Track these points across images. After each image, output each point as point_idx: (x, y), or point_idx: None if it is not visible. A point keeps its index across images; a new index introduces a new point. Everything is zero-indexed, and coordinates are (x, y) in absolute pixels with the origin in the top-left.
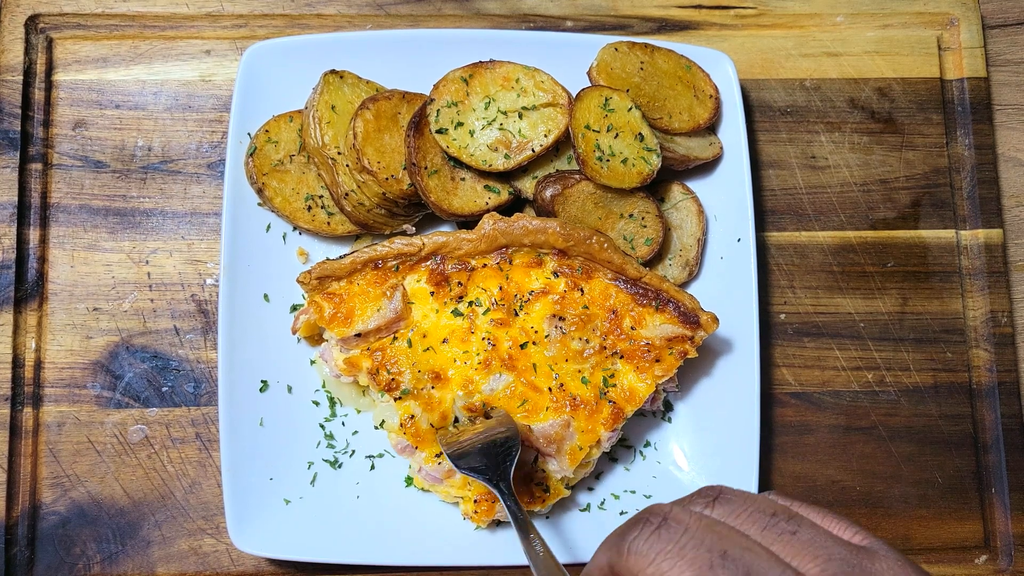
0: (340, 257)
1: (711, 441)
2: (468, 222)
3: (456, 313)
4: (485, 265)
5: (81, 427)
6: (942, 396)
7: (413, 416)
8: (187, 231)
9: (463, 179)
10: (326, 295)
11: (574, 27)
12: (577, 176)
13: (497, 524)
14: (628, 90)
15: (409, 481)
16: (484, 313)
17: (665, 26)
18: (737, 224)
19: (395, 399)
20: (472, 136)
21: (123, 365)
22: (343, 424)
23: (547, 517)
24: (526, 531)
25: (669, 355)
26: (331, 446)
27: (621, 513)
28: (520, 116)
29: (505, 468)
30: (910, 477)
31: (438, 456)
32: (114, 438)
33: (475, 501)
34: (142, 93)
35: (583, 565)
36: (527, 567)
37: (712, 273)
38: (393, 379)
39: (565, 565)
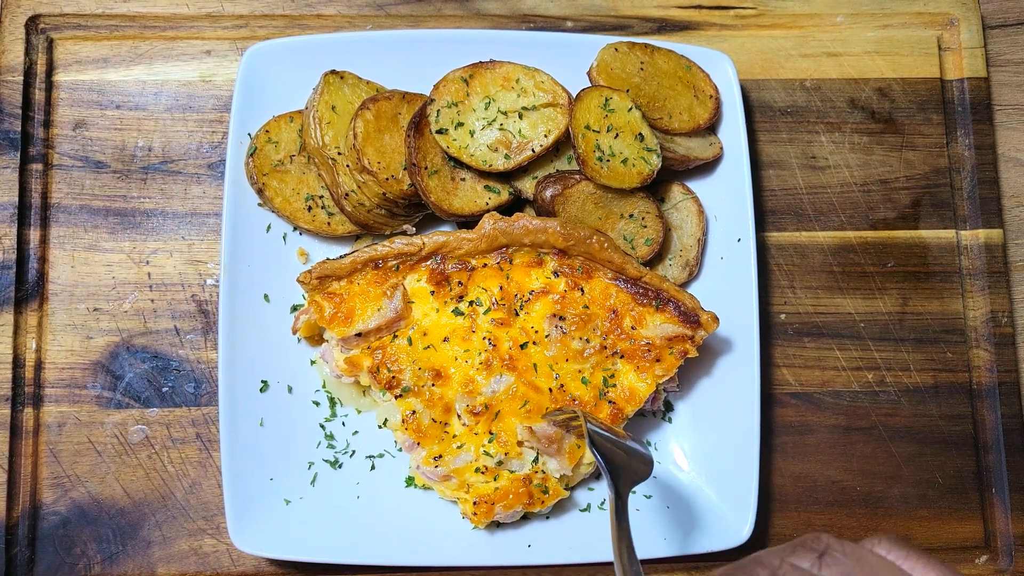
0: (340, 257)
1: (711, 441)
2: (468, 222)
3: (457, 312)
4: (485, 265)
5: (81, 427)
6: (942, 396)
7: (415, 411)
8: (187, 231)
9: (463, 179)
10: (326, 295)
11: (574, 27)
12: (577, 176)
13: (497, 526)
14: (628, 90)
15: (410, 481)
16: (485, 313)
17: (665, 26)
18: (737, 224)
19: (396, 397)
20: (472, 136)
21: (123, 365)
22: (343, 424)
23: (547, 517)
24: (631, 553)
25: (669, 355)
26: (331, 446)
27: None
28: (520, 116)
29: (628, 487)
30: (910, 477)
31: (437, 459)
32: (114, 438)
33: (474, 503)
34: (142, 93)
35: (583, 565)
36: (527, 567)
37: (712, 273)
38: (394, 377)
39: (564, 565)
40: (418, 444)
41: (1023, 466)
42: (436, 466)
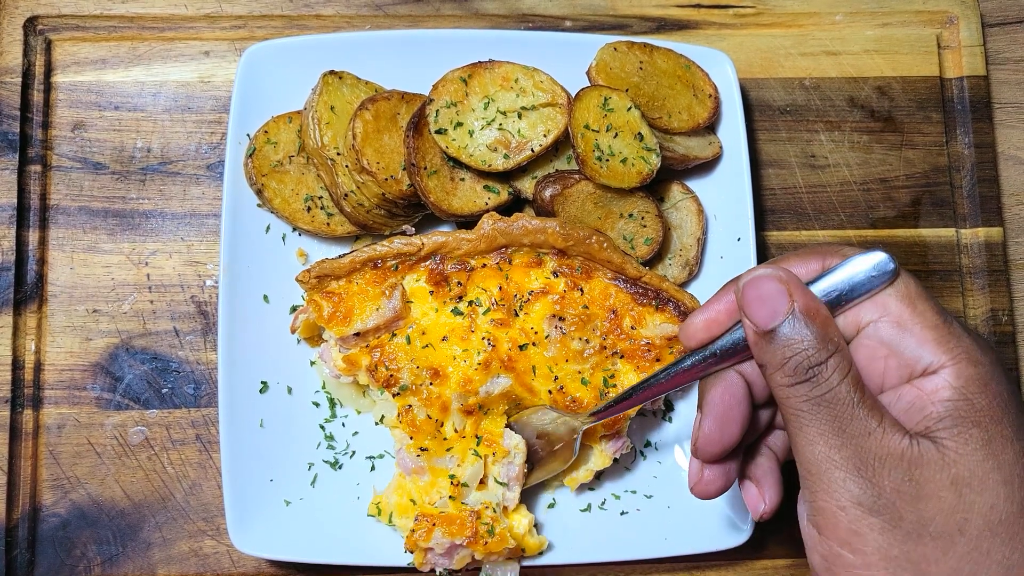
0: (339, 256)
1: None
2: (468, 222)
3: (456, 312)
4: (484, 265)
5: (81, 429)
6: None
7: (411, 406)
8: (186, 232)
9: (462, 179)
10: (325, 294)
11: (573, 27)
12: (576, 176)
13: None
14: (627, 90)
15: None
16: (484, 313)
17: (664, 25)
18: (737, 223)
19: (394, 395)
20: (471, 136)
21: (123, 367)
22: (343, 425)
23: (551, 507)
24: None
25: (669, 354)
26: (331, 447)
27: (622, 513)
28: (519, 116)
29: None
30: None
31: (422, 450)
32: (114, 440)
33: (416, 519)
34: (141, 94)
35: (583, 565)
36: (527, 567)
37: (712, 273)
38: (391, 375)
39: (563, 566)
40: (411, 439)
41: None
42: (417, 455)
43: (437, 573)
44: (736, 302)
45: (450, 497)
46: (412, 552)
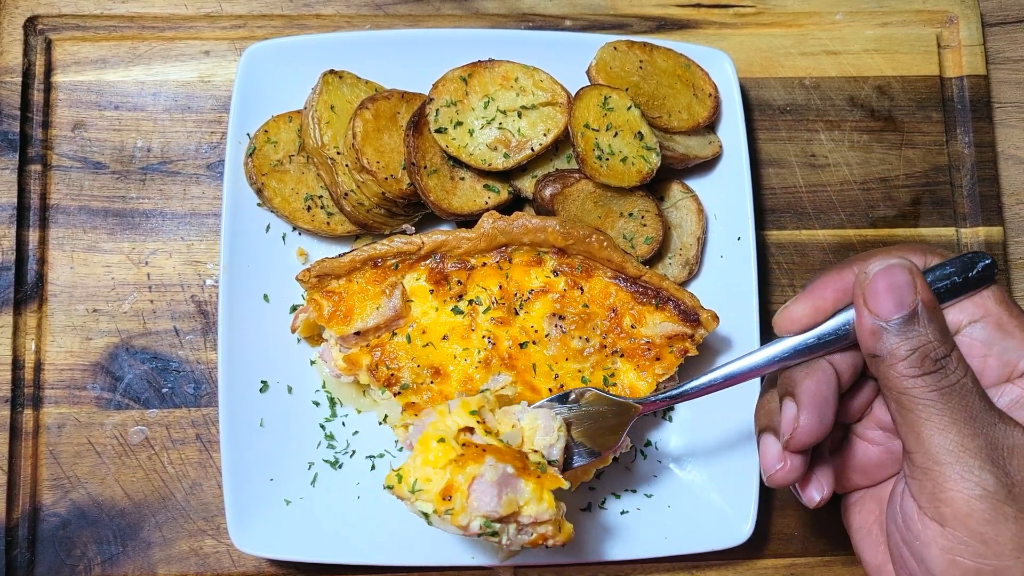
0: (339, 255)
1: (712, 440)
2: (468, 221)
3: (456, 311)
4: (485, 264)
5: (81, 428)
6: None
7: (415, 403)
8: (186, 232)
9: (462, 178)
10: (325, 293)
11: (573, 26)
12: (576, 175)
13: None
14: (627, 89)
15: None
16: (484, 312)
17: (664, 25)
18: (737, 222)
19: (395, 394)
20: (471, 135)
21: (123, 366)
22: (343, 424)
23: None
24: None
25: (669, 353)
26: (331, 446)
27: (622, 512)
28: (519, 115)
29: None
30: None
31: (419, 413)
32: (114, 439)
33: (463, 445)
34: (141, 94)
35: (583, 565)
36: (527, 567)
37: (712, 272)
38: (392, 374)
39: (563, 565)
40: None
41: None
42: (417, 416)
43: (476, 530)
44: (855, 290)
45: (485, 431)
46: (448, 499)
